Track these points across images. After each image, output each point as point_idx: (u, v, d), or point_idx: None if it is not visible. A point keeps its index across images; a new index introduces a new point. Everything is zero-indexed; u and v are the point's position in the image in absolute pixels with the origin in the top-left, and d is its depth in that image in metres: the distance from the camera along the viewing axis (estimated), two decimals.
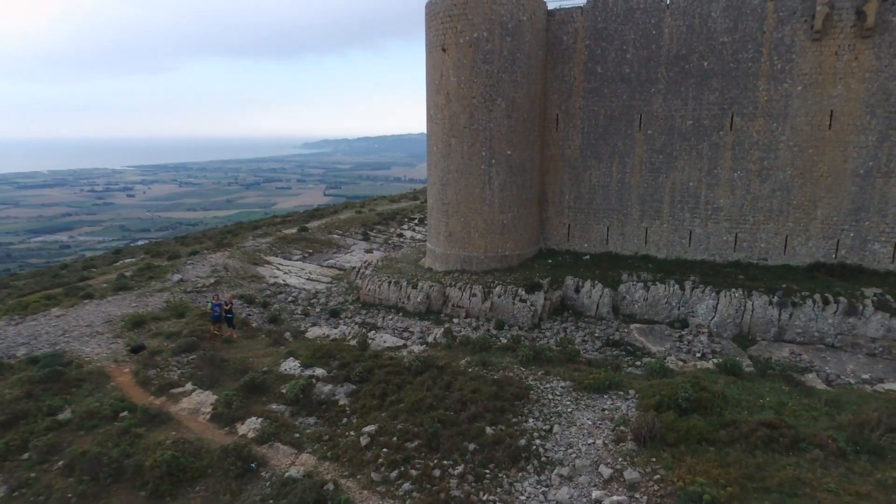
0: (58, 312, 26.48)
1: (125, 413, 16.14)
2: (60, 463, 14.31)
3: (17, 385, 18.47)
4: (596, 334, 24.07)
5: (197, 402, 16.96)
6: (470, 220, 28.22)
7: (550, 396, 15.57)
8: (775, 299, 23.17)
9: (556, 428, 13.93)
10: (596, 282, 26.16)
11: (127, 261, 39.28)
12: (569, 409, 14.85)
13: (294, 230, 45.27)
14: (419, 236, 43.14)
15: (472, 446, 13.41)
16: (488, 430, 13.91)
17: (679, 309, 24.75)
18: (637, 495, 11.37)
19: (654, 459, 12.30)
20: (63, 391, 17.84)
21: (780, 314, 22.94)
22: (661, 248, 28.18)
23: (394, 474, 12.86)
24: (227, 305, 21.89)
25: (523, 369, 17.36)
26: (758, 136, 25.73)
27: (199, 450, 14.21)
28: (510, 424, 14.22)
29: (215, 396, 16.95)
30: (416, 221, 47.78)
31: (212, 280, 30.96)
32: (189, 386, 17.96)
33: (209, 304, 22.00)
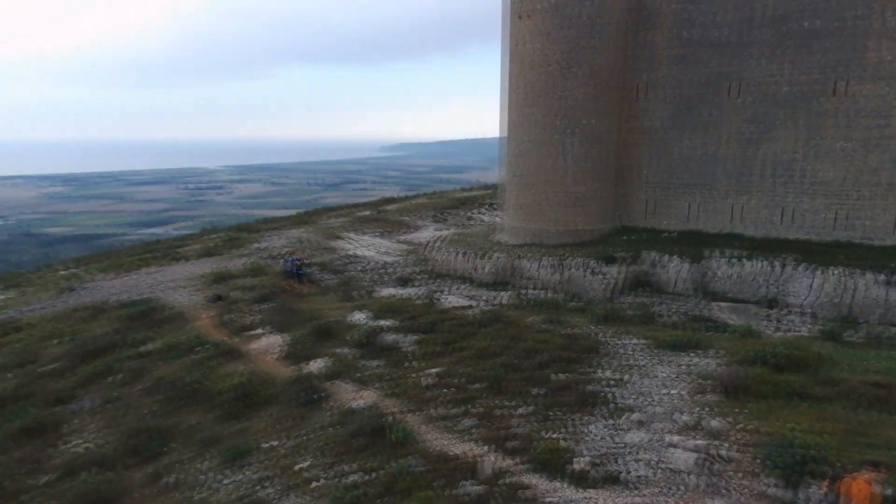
0: (150, 270, 28.37)
1: (202, 347, 16.86)
2: (143, 385, 15.16)
3: (110, 323, 19.87)
4: (676, 310, 22.58)
5: (268, 344, 17.44)
6: (543, 192, 27.42)
7: (624, 352, 14.68)
8: (881, 277, 20.76)
9: (629, 378, 13.07)
10: (677, 256, 24.60)
11: (214, 235, 41.61)
12: (643, 363, 13.91)
13: (369, 212, 46.22)
14: (491, 220, 42.65)
15: (537, 391, 12.83)
16: (556, 377, 13.27)
17: (771, 287, 22.74)
18: (720, 443, 10.37)
19: (739, 410, 11.21)
20: (149, 328, 18.99)
21: (887, 294, 20.53)
22: (750, 225, 26.07)
23: (455, 411, 12.54)
24: (300, 262, 22.49)
25: (595, 327, 16.52)
26: (866, 101, 23.21)
27: (267, 380, 14.58)
28: (578, 373, 13.50)
29: (285, 339, 17.35)
30: (488, 206, 47.35)
31: (286, 251, 32.02)
32: (262, 330, 18.54)
33: (283, 261, 22.69)
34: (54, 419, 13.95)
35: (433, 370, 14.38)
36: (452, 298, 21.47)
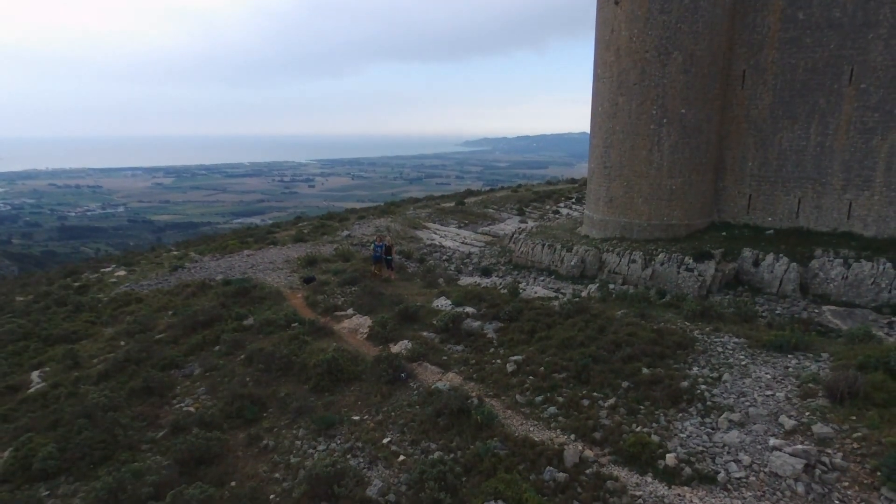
0: (248, 253, 30.30)
1: (296, 324, 17.80)
2: (242, 356, 16.21)
3: (214, 298, 21.43)
4: (777, 312, 21.08)
5: (356, 324, 18.11)
6: (634, 184, 26.46)
7: (720, 350, 13.87)
8: None
9: (725, 376, 12.34)
10: (780, 255, 22.90)
11: (305, 223, 43.71)
12: (742, 363, 13.08)
13: (452, 204, 46.71)
14: (576, 214, 41.76)
15: (625, 384, 12.43)
16: (645, 370, 12.79)
17: (891, 292, 20.67)
18: (829, 450, 9.58)
19: (853, 417, 10.28)
20: (248, 304, 20.30)
21: None
22: (868, 224, 23.78)
23: (539, 398, 12.42)
24: (388, 246, 23.14)
25: (688, 324, 15.73)
26: None
27: (355, 357, 15.13)
28: (670, 369, 12.92)
29: (372, 320, 17.93)
30: (573, 200, 46.40)
31: (375, 237, 33.07)
32: (350, 310, 19.28)
33: (372, 245, 23.45)
34: (167, 381, 15.25)
35: (516, 357, 14.31)
36: (536, 289, 21.27)
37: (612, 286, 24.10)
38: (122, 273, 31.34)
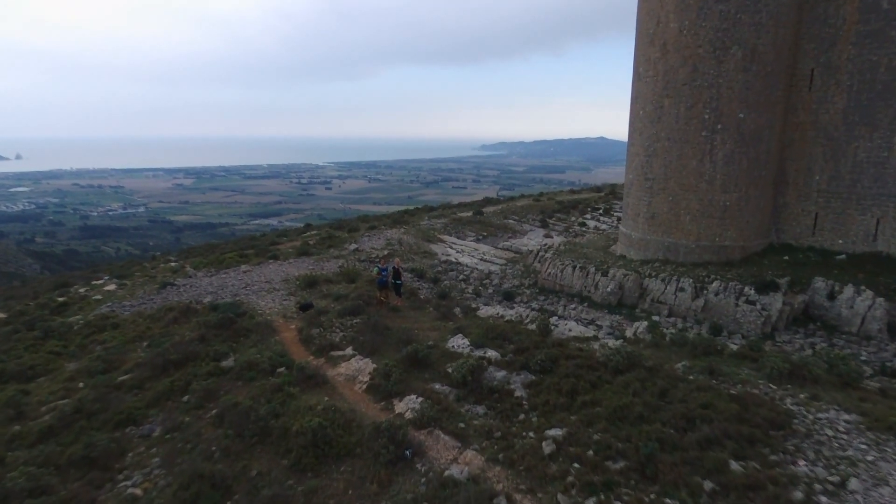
0: (245, 269, 27.42)
1: (282, 369, 14.78)
2: (213, 411, 13.22)
3: (195, 327, 18.53)
4: (862, 358, 17.51)
5: (355, 369, 15.00)
6: (680, 199, 23.01)
7: (829, 432, 10.45)
8: None
9: (852, 483, 8.94)
10: (862, 287, 19.30)
11: (313, 232, 40.84)
12: (867, 458, 9.65)
13: (469, 213, 43.52)
14: (604, 227, 38.28)
15: (708, 485, 9.11)
16: (734, 465, 9.45)
17: None
18: None
19: None
20: (231, 338, 17.36)
21: None
22: None
23: (590, 502, 9.16)
24: (395, 269, 20.04)
25: (773, 387, 12.34)
26: None
27: (349, 423, 12.00)
28: (767, 463, 9.57)
29: (374, 365, 14.82)
30: (600, 211, 42.89)
31: (385, 252, 30.02)
32: (349, 351, 16.17)
33: (375, 269, 20.38)
34: (118, 446, 12.28)
35: (555, 431, 11.07)
36: (570, 324, 18.00)
37: (656, 318, 20.71)
38: (111, 287, 28.71)
